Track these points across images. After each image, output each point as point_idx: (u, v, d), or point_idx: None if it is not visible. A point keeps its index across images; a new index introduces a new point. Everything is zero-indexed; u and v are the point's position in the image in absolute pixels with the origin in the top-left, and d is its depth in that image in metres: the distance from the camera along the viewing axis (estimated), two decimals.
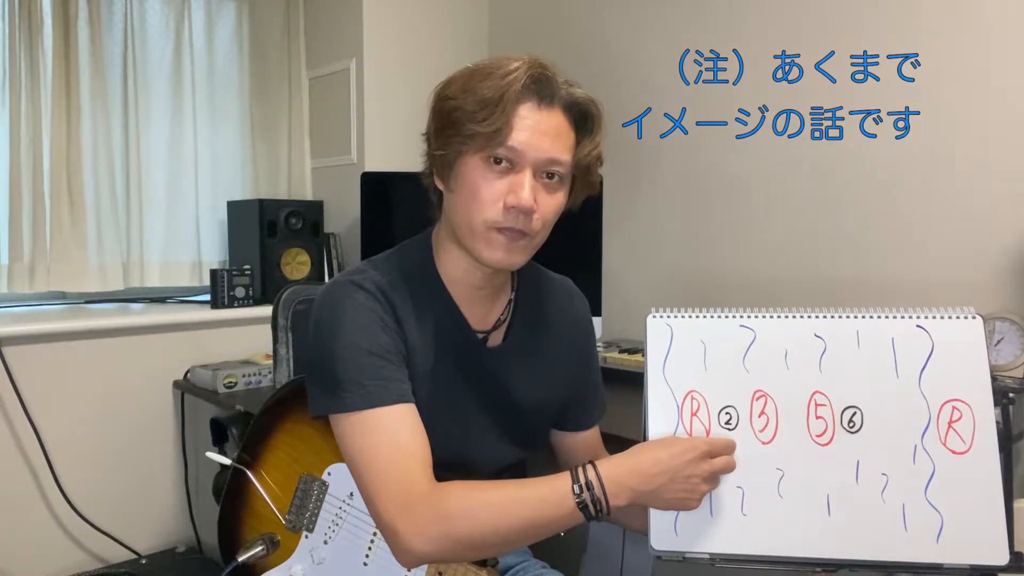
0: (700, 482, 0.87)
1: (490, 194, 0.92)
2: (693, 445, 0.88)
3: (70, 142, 2.18)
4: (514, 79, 0.90)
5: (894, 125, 1.73)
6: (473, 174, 0.92)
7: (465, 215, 0.94)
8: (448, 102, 0.93)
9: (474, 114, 0.89)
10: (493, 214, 0.92)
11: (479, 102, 0.89)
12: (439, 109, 0.95)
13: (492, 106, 0.89)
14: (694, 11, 2.10)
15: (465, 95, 0.91)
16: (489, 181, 0.91)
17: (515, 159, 0.91)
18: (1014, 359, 1.49)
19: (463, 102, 0.91)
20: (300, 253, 2.43)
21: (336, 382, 0.92)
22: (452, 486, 0.88)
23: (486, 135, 0.89)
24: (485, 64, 0.94)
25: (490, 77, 0.90)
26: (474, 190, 0.92)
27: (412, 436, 0.91)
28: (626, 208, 2.27)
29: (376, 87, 2.47)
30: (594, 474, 0.87)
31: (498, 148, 0.90)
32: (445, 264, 1.02)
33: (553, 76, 0.93)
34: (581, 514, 0.87)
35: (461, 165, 0.93)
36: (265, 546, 1.02)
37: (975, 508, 0.85)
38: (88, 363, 2.07)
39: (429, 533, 0.85)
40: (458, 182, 0.94)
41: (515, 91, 0.89)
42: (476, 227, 0.93)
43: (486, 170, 0.92)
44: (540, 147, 0.91)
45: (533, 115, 0.91)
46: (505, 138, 0.90)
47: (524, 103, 0.91)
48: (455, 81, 0.94)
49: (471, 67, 0.95)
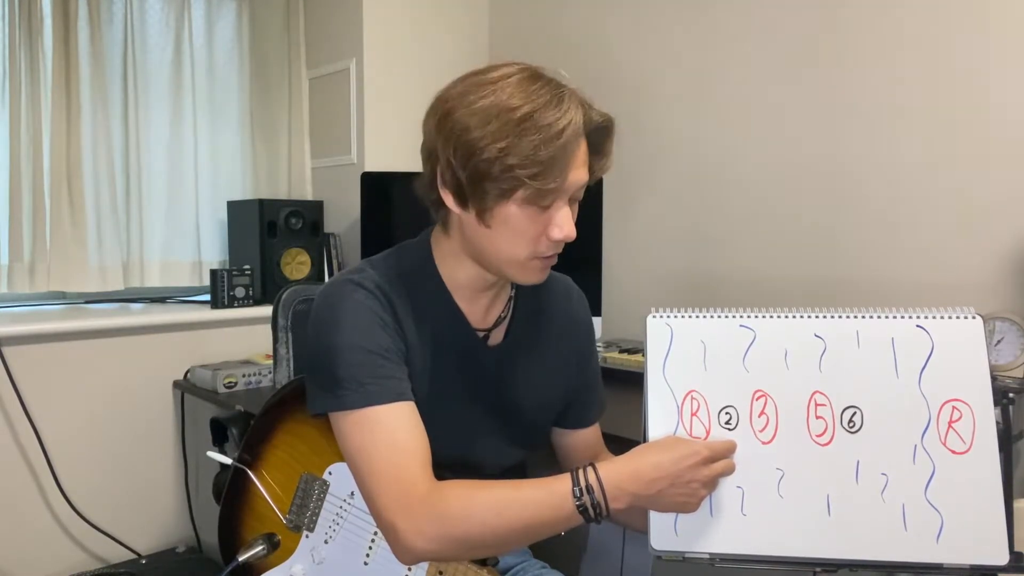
0: (700, 487, 0.87)
1: (534, 232, 0.92)
2: (694, 450, 0.87)
3: (70, 142, 2.19)
4: (571, 137, 0.87)
5: (894, 125, 1.73)
6: (519, 218, 0.90)
7: (506, 250, 0.93)
8: (483, 151, 0.86)
9: (535, 175, 0.86)
10: (540, 248, 0.93)
11: (539, 163, 0.86)
12: (471, 156, 0.87)
13: (553, 166, 0.86)
14: (693, 14, 2.10)
15: (510, 149, 0.85)
16: (532, 219, 0.91)
17: (558, 196, 0.91)
18: (1014, 359, 1.49)
19: (505, 155, 0.85)
20: (300, 253, 2.43)
21: (335, 380, 0.92)
22: (451, 485, 0.89)
23: (543, 192, 0.88)
24: (520, 108, 0.86)
25: (540, 132, 0.86)
26: (520, 232, 0.91)
27: (411, 434, 0.91)
28: (626, 208, 2.27)
29: (376, 87, 2.47)
30: (594, 477, 0.87)
31: (550, 198, 0.89)
32: (449, 268, 1.02)
33: (590, 115, 0.92)
34: (580, 517, 0.87)
35: (503, 209, 0.90)
36: (265, 546, 1.02)
37: (975, 508, 0.85)
38: (88, 363, 2.07)
39: (428, 532, 0.86)
40: (497, 223, 0.91)
41: (572, 149, 0.88)
42: (518, 259, 0.93)
43: (533, 213, 0.91)
44: (578, 181, 0.92)
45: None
46: (560, 188, 0.89)
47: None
48: (483, 121, 0.87)
49: (503, 100, 0.87)
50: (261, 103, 2.61)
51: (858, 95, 1.78)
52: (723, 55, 2.04)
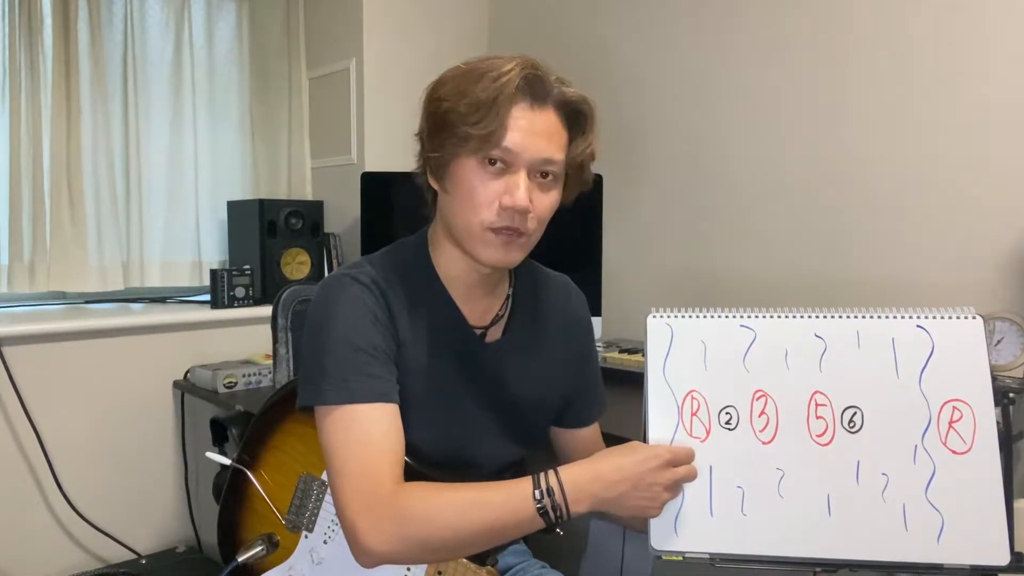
0: (662, 490, 0.87)
1: (485, 196, 0.92)
2: (656, 453, 0.88)
3: (70, 142, 2.19)
4: (507, 80, 0.90)
5: (894, 125, 1.73)
6: (468, 176, 0.92)
7: (461, 216, 0.94)
8: (441, 104, 0.92)
9: (467, 116, 0.89)
10: (489, 215, 0.92)
11: (472, 104, 0.89)
12: (432, 111, 0.94)
13: (485, 108, 0.89)
14: (693, 12, 2.10)
15: (458, 97, 0.91)
16: (484, 182, 0.92)
17: (510, 160, 0.91)
18: (1014, 359, 1.49)
19: (456, 104, 0.90)
20: (300, 253, 2.43)
21: (321, 375, 0.93)
22: (414, 487, 0.88)
23: (480, 137, 0.89)
24: (477, 65, 0.93)
25: (483, 79, 0.90)
26: (469, 192, 0.92)
27: (387, 436, 0.91)
28: (626, 208, 2.27)
29: (376, 87, 2.47)
30: (555, 480, 0.87)
31: (492, 150, 0.90)
32: (442, 262, 1.02)
33: (545, 76, 0.93)
34: (541, 520, 0.86)
35: (456, 167, 0.93)
36: (265, 546, 1.02)
37: (975, 508, 0.85)
38: (88, 363, 2.07)
39: (387, 534, 0.85)
40: (453, 184, 0.94)
41: (508, 92, 0.89)
42: (472, 228, 0.94)
43: (481, 172, 0.92)
44: (534, 147, 0.91)
45: (526, 116, 0.91)
46: (499, 140, 0.90)
47: (517, 104, 0.91)
48: (447, 82, 0.94)
49: (463, 67, 0.94)
50: (261, 103, 2.61)
51: (858, 95, 1.78)
52: (723, 54, 2.04)
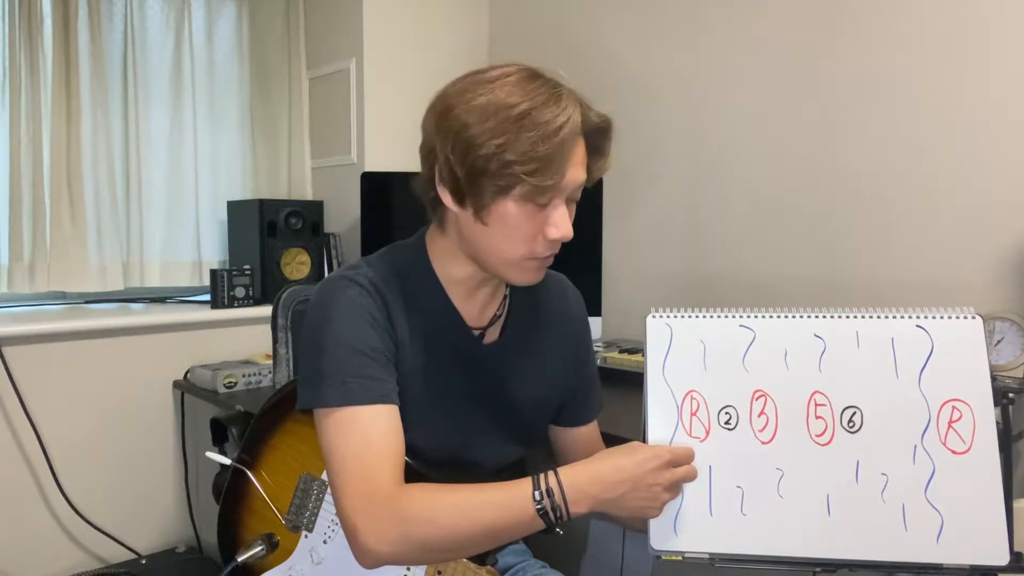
0: (661, 491, 0.87)
1: (530, 231, 0.91)
2: (656, 454, 0.88)
3: (70, 142, 2.18)
4: (569, 135, 0.88)
5: (894, 125, 1.73)
6: (513, 215, 0.90)
7: (502, 249, 0.93)
8: (479, 149, 0.87)
9: (532, 172, 0.86)
10: (536, 248, 0.92)
11: (537, 160, 0.86)
12: (464, 150, 0.88)
13: (550, 163, 0.87)
14: (693, 14, 2.10)
15: (508, 145, 0.86)
16: (530, 218, 0.91)
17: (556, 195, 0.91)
18: (1014, 359, 1.48)
19: (501, 152, 0.86)
20: (300, 253, 2.43)
21: (320, 377, 0.92)
22: (414, 488, 0.88)
23: (539, 188, 0.88)
24: (508, 100, 0.87)
25: (538, 128, 0.86)
26: (516, 229, 0.91)
27: (386, 437, 0.91)
28: (626, 208, 2.27)
29: (376, 87, 2.47)
30: (555, 480, 0.87)
31: (547, 195, 0.89)
32: (445, 267, 1.02)
33: (588, 115, 0.92)
34: (541, 521, 0.86)
35: (500, 206, 0.90)
36: (264, 546, 1.02)
37: (975, 508, 0.85)
38: (88, 363, 2.07)
39: (388, 535, 0.85)
40: (494, 220, 0.91)
41: (570, 147, 0.89)
42: (513, 259, 0.93)
43: (530, 211, 0.90)
44: (577, 180, 0.92)
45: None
46: (556, 186, 0.89)
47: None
48: (475, 120, 0.88)
49: (499, 99, 0.88)
50: (261, 103, 2.61)
51: (858, 95, 1.78)
52: (723, 55, 2.04)
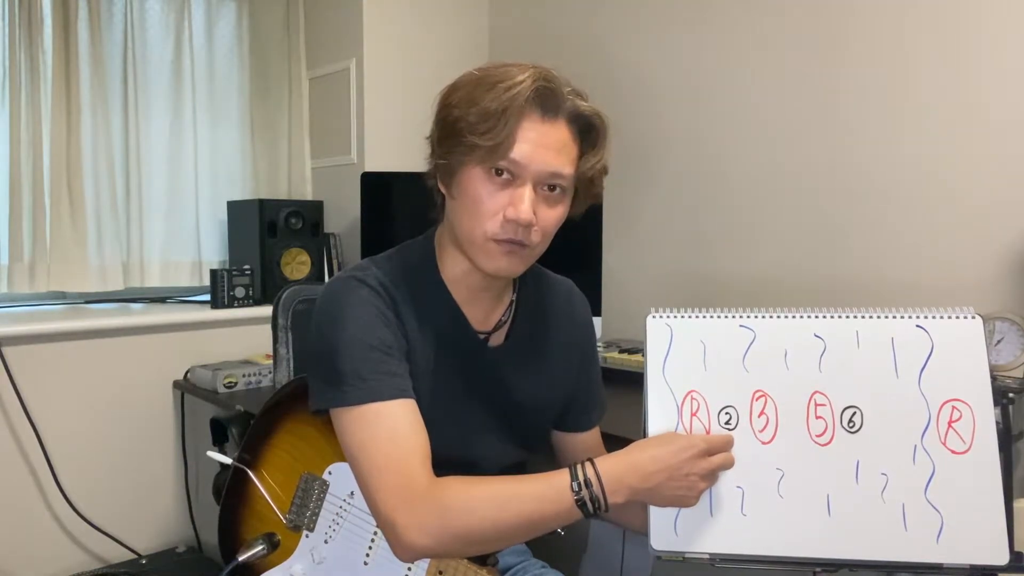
0: (698, 480, 0.87)
1: (491, 206, 0.92)
2: (691, 443, 0.88)
3: (70, 142, 2.19)
4: (518, 92, 0.89)
5: (894, 125, 1.73)
6: (474, 185, 0.92)
7: (465, 224, 0.94)
8: (451, 111, 0.92)
9: (476, 126, 0.89)
10: (493, 226, 0.92)
11: (482, 114, 0.89)
12: (443, 117, 0.94)
13: (495, 119, 0.88)
14: (692, 13, 2.10)
15: (468, 105, 0.90)
16: (490, 193, 0.92)
17: (517, 172, 0.91)
18: (1014, 359, 1.49)
19: (466, 113, 0.90)
20: (300, 253, 2.43)
21: (338, 376, 0.92)
22: (451, 481, 0.89)
23: (488, 148, 0.89)
24: (490, 73, 0.92)
25: (494, 88, 0.89)
26: (475, 201, 0.92)
27: (412, 430, 0.91)
28: (626, 208, 2.27)
29: (376, 87, 2.47)
30: (593, 471, 0.87)
31: (499, 161, 0.90)
32: (447, 265, 1.02)
33: (559, 88, 0.92)
34: (579, 511, 0.87)
35: (463, 175, 0.93)
36: (265, 545, 1.02)
37: (975, 508, 0.85)
38: (88, 363, 2.07)
39: (428, 527, 0.85)
40: (460, 191, 0.94)
41: (519, 104, 0.89)
42: (476, 238, 0.94)
43: (487, 182, 0.91)
44: (542, 161, 0.91)
45: (536, 128, 0.91)
46: (507, 151, 0.89)
47: (528, 116, 0.90)
48: (459, 89, 0.93)
49: (476, 74, 0.93)
50: (261, 103, 2.61)
51: (858, 95, 1.78)
52: (722, 54, 2.04)
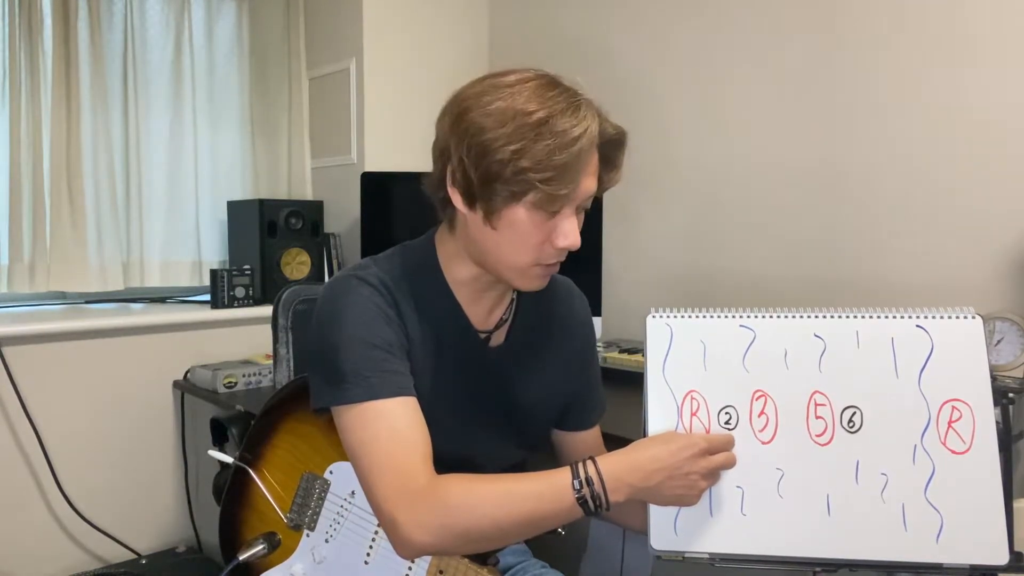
0: (699, 479, 0.87)
1: (538, 238, 0.92)
2: (692, 442, 0.88)
3: (70, 142, 2.19)
4: (586, 145, 0.88)
5: (893, 125, 1.73)
6: (523, 221, 0.91)
7: (507, 254, 0.94)
8: (495, 154, 0.87)
9: (547, 180, 0.87)
10: (541, 255, 0.93)
11: (553, 168, 0.86)
12: (480, 154, 0.88)
13: (565, 173, 0.87)
14: (693, 15, 2.10)
15: (528, 152, 0.86)
16: (539, 226, 0.91)
17: (567, 204, 0.91)
18: (1014, 359, 1.49)
19: (517, 159, 0.86)
20: (300, 253, 2.43)
21: (339, 374, 0.93)
22: (452, 478, 0.89)
23: (550, 195, 0.88)
24: (526, 107, 0.87)
25: (556, 137, 0.86)
26: (525, 236, 0.92)
27: (413, 428, 0.91)
28: (626, 208, 2.27)
29: (376, 87, 2.47)
30: (594, 470, 0.87)
31: (560, 204, 0.90)
32: (451, 268, 1.02)
33: (604, 127, 0.92)
34: (580, 509, 0.87)
35: (511, 212, 0.91)
36: (266, 545, 1.02)
37: (975, 508, 0.85)
38: (88, 363, 2.07)
39: (429, 525, 0.86)
40: (503, 224, 0.92)
41: (586, 159, 0.89)
42: (519, 264, 0.94)
43: (540, 219, 0.91)
44: (588, 190, 0.92)
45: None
46: (569, 196, 0.90)
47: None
48: (493, 124, 0.88)
49: (516, 106, 0.88)
50: (261, 103, 2.61)
51: (857, 95, 1.78)
52: (723, 56, 2.04)
